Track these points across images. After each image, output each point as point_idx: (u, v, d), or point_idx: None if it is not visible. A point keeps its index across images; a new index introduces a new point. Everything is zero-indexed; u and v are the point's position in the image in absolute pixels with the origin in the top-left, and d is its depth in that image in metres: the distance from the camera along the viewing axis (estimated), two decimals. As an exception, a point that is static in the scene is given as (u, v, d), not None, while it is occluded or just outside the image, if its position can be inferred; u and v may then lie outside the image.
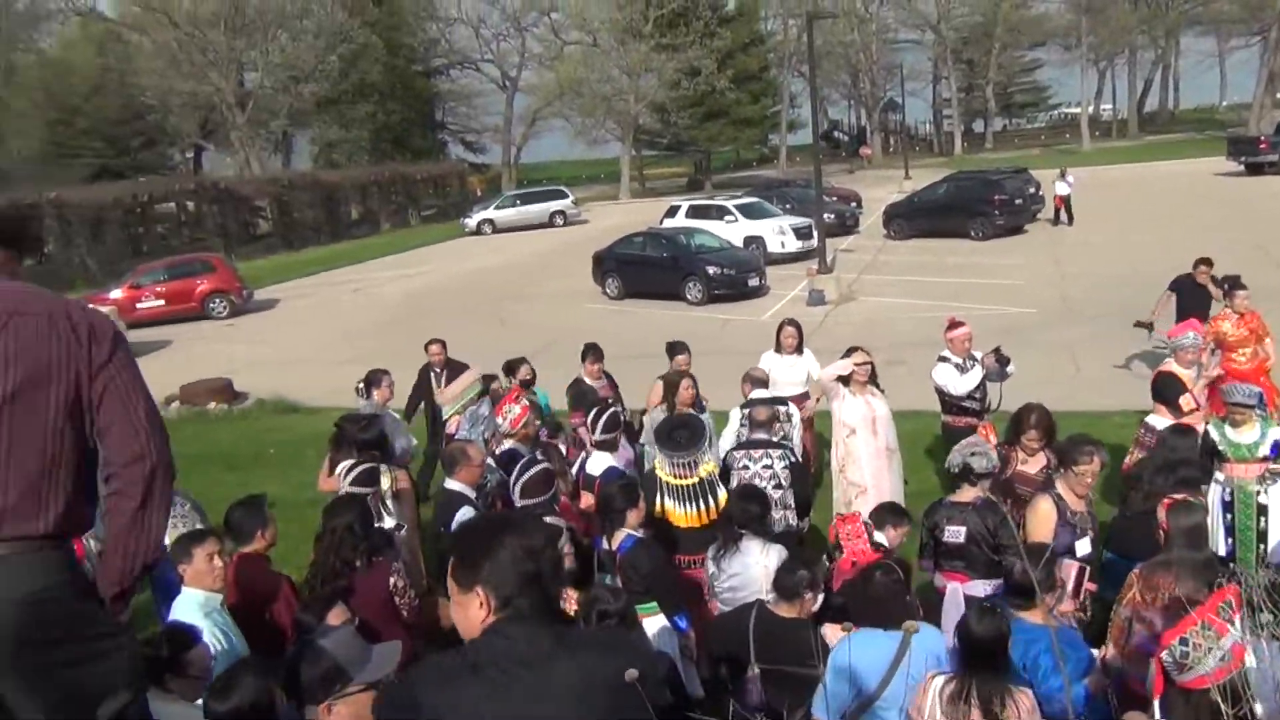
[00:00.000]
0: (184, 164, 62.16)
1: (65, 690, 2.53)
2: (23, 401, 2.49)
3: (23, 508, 2.47)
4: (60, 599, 2.51)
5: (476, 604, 2.20)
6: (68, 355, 2.55)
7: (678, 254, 23.27)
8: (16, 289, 2.64)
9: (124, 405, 2.61)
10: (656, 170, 71.04)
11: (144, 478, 2.61)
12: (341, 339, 21.24)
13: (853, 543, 5.23)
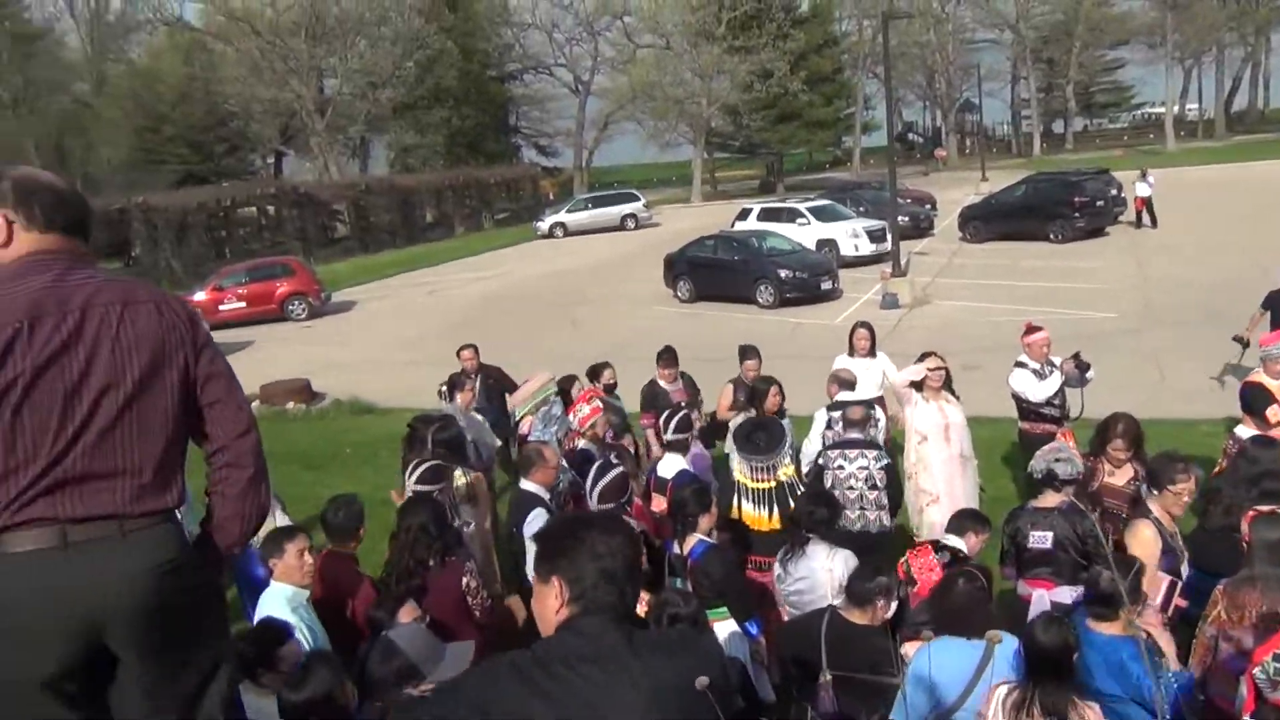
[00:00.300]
0: (265, 169, 63.63)
1: (189, 653, 2.73)
2: (147, 386, 2.65)
3: (155, 485, 2.66)
4: (186, 568, 2.70)
5: (553, 595, 2.24)
6: (178, 339, 2.72)
7: (749, 257, 23.17)
8: (120, 280, 2.77)
9: (227, 383, 2.82)
10: (728, 173, 70.82)
11: (253, 449, 2.84)
12: (416, 341, 21.53)
13: (925, 575, 5.15)
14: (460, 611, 4.68)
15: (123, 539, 2.59)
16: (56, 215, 2.73)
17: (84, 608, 2.56)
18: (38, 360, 2.54)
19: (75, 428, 2.58)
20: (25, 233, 2.70)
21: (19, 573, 2.55)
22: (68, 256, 2.73)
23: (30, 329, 2.55)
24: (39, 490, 2.55)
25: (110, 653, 2.65)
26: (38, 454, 2.55)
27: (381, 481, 10.62)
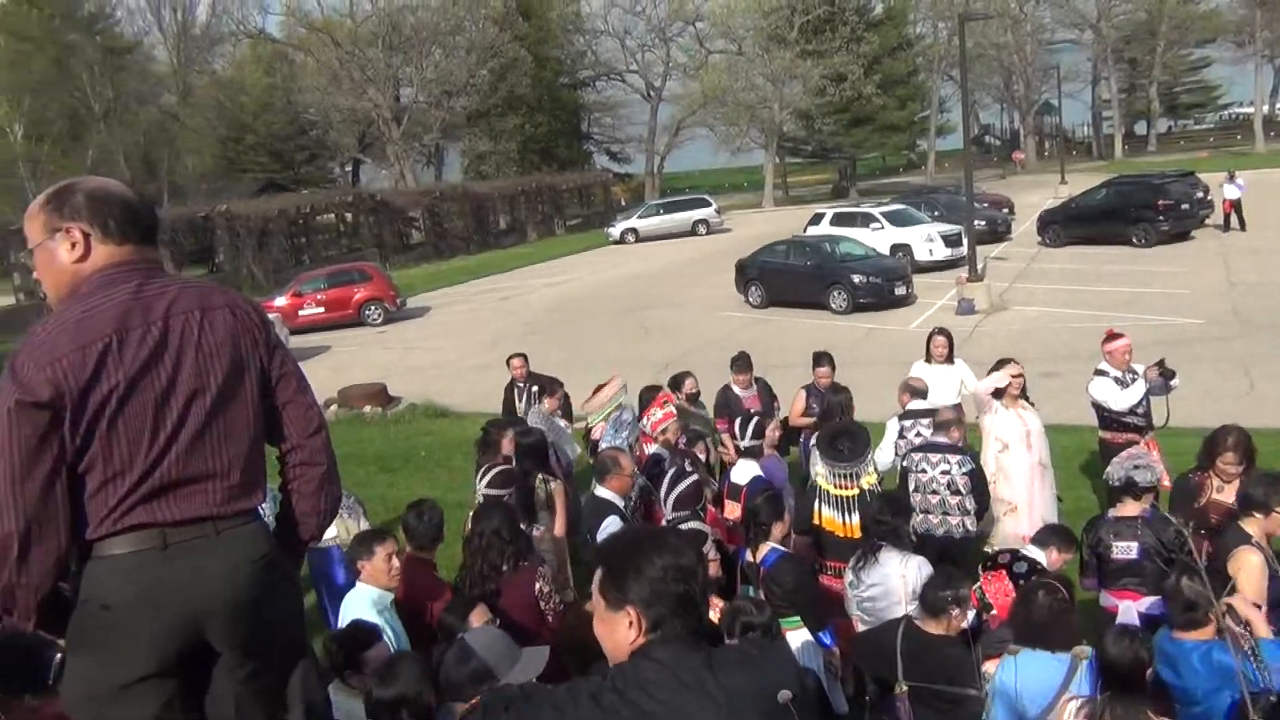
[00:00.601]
0: (343, 177, 64.78)
1: (280, 645, 2.83)
2: (229, 390, 2.72)
3: (243, 486, 2.74)
4: (276, 562, 2.81)
5: (625, 624, 2.15)
6: (252, 342, 2.79)
7: (821, 262, 23.00)
8: (194, 285, 2.83)
9: (298, 383, 2.90)
10: (800, 178, 70.36)
11: (324, 446, 2.93)
12: (489, 346, 21.73)
13: (1002, 600, 5.05)
14: (533, 616, 4.70)
15: (216, 538, 2.67)
16: (130, 226, 2.77)
17: (184, 606, 2.63)
18: (130, 371, 2.59)
19: (167, 435, 2.64)
20: (102, 245, 2.72)
21: (121, 574, 2.63)
22: (145, 266, 2.78)
23: (119, 341, 2.59)
24: (138, 498, 2.61)
25: (205, 651, 2.73)
26: (134, 462, 2.61)
27: (455, 484, 10.77)
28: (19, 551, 2.55)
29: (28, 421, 2.50)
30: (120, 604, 2.62)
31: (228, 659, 2.75)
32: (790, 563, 5.15)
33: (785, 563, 5.12)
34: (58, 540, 2.60)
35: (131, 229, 2.76)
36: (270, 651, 2.82)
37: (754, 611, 4.32)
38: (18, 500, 2.52)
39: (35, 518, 2.54)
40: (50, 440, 2.52)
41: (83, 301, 2.65)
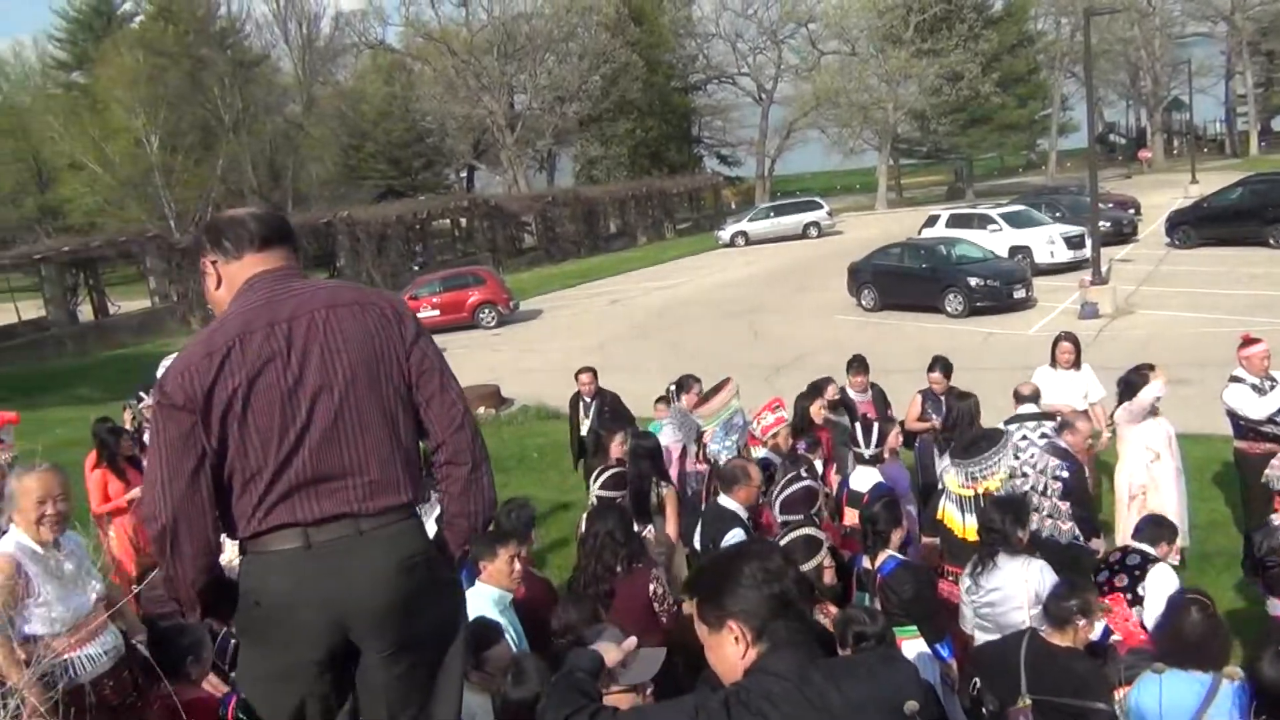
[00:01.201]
0: (458, 183, 66.13)
1: (419, 653, 2.81)
2: (362, 386, 2.73)
3: (385, 482, 2.73)
4: (425, 563, 2.78)
5: (731, 641, 2.12)
6: (386, 338, 2.77)
7: (937, 265, 22.54)
8: (326, 285, 2.92)
9: (439, 378, 2.84)
10: (914, 179, 69.01)
11: (468, 444, 2.84)
12: (599, 349, 21.89)
13: (1122, 626, 4.85)
14: (646, 617, 4.69)
15: (359, 537, 2.68)
16: (248, 239, 2.87)
17: (329, 608, 2.69)
18: (250, 371, 2.66)
19: (296, 432, 2.68)
20: (229, 265, 2.87)
21: (269, 573, 2.73)
22: (276, 272, 2.86)
23: (241, 343, 2.69)
24: (276, 496, 2.68)
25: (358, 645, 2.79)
26: (267, 460, 2.68)
27: (566, 486, 10.89)
28: (170, 544, 2.69)
29: (172, 424, 2.65)
30: (269, 602, 2.72)
31: (375, 660, 2.78)
32: (909, 571, 5.03)
33: (904, 571, 5.00)
34: (205, 535, 2.71)
35: (248, 242, 2.86)
36: (421, 650, 2.82)
37: (867, 621, 4.23)
38: (168, 496, 2.66)
39: (182, 512, 2.67)
40: (192, 441, 2.64)
41: (222, 314, 2.83)
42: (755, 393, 10.08)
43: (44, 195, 49.20)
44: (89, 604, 3.97)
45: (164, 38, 45.82)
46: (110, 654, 3.99)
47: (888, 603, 4.91)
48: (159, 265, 33.81)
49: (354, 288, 2.94)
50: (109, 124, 43.36)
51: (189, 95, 45.43)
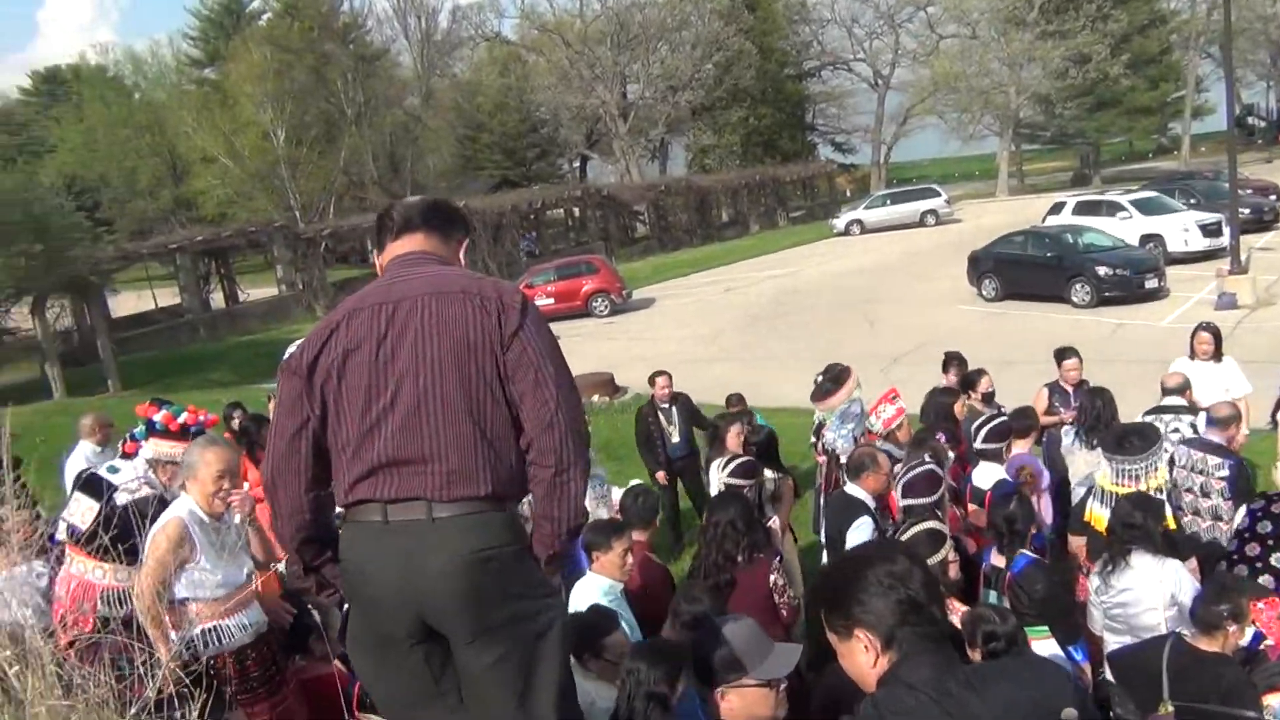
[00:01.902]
0: (571, 173, 66.68)
1: (505, 644, 2.77)
2: (450, 374, 2.71)
3: (463, 471, 2.69)
4: (500, 558, 2.72)
5: (861, 649, 2.05)
6: (482, 329, 2.73)
7: (1063, 253, 21.76)
8: (439, 272, 2.90)
9: (534, 374, 2.74)
10: (1037, 165, 66.92)
11: (554, 446, 2.72)
12: (712, 338, 21.84)
13: (1275, 630, 4.57)
14: (766, 609, 4.62)
15: (431, 524, 2.67)
16: (390, 227, 3.01)
17: (402, 588, 2.71)
18: (347, 346, 2.76)
19: (379, 411, 2.72)
20: (381, 256, 3.03)
21: (352, 543, 2.79)
22: (409, 256, 2.95)
23: (348, 319, 2.80)
24: (362, 471, 2.73)
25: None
26: (352, 435, 2.75)
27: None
28: (270, 500, 2.87)
29: (285, 386, 2.82)
30: (353, 572, 2.81)
31: (460, 643, 2.78)
32: (1041, 570, 4.83)
33: (1036, 570, 4.80)
34: (297, 495, 2.83)
35: (389, 230, 3.00)
36: (507, 644, 2.77)
37: (997, 620, 4.06)
38: (271, 454, 2.85)
39: (278, 470, 2.84)
40: (298, 404, 2.79)
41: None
42: (871, 382, 9.87)
43: (179, 188, 51.25)
44: (241, 578, 4.12)
45: (290, 34, 47.27)
46: (254, 628, 4.15)
47: (1018, 602, 4.73)
48: (285, 254, 34.98)
49: (467, 276, 2.90)
50: (239, 118, 44.99)
51: (313, 89, 46.80)
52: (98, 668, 2.80)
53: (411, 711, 2.95)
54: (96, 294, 26.36)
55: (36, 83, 63.51)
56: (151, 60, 61.86)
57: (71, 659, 3.10)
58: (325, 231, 36.42)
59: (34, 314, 23.49)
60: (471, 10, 62.54)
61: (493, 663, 2.78)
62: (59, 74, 62.20)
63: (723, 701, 2.97)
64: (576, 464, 2.76)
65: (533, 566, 2.83)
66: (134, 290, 35.56)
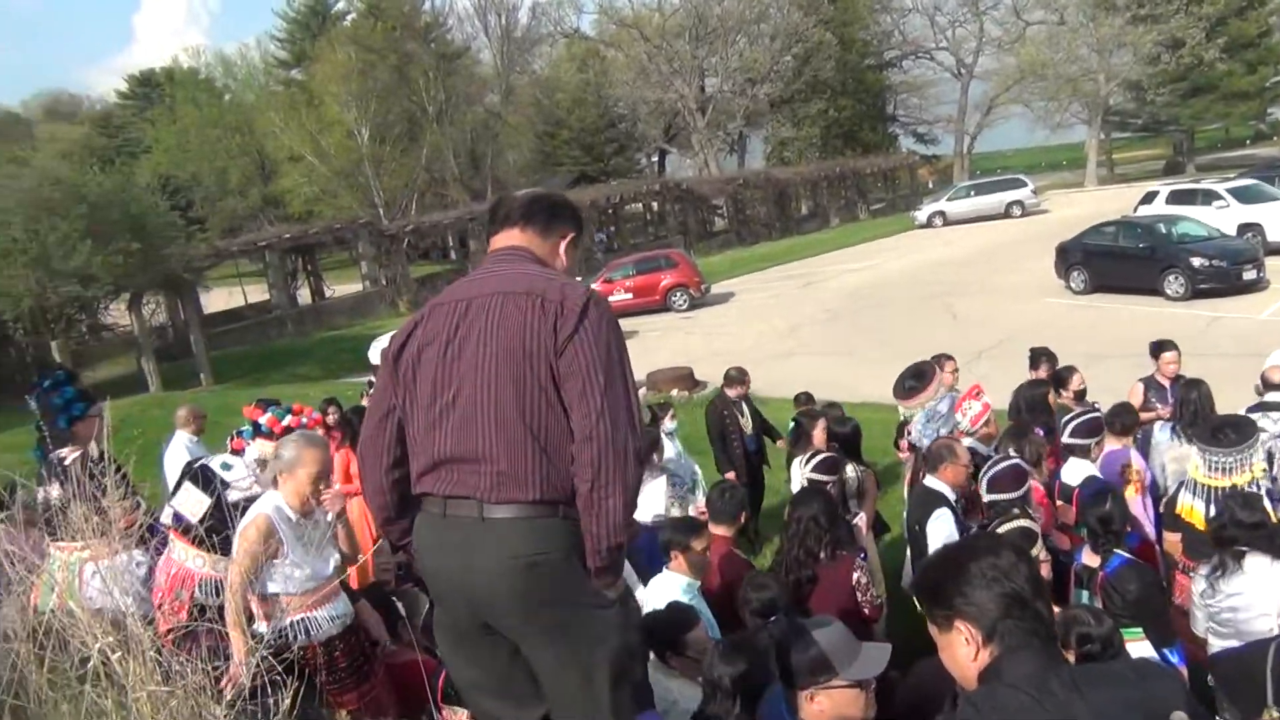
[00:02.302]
0: (649, 167, 66.73)
1: (559, 648, 2.78)
2: (506, 377, 2.70)
3: (512, 473, 2.68)
4: (548, 564, 2.70)
5: (961, 642, 2.02)
6: (539, 332, 2.70)
7: (1155, 244, 21.09)
8: (514, 271, 2.89)
9: (581, 383, 2.67)
10: (1127, 154, 65.05)
11: (591, 460, 2.64)
12: (791, 332, 21.68)
13: None
14: (849, 607, 4.57)
15: (482, 523, 2.69)
16: (491, 220, 3.05)
17: (458, 583, 2.79)
18: (422, 342, 2.84)
19: (440, 408, 2.77)
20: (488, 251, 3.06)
21: (423, 533, 2.87)
22: (499, 252, 2.98)
23: (429, 314, 2.87)
24: (426, 464, 2.80)
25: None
26: (419, 428, 2.83)
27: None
28: (360, 478, 3.05)
29: (382, 370, 2.96)
30: (420, 561, 2.96)
31: (519, 639, 2.82)
32: (1136, 570, 4.68)
33: (1129, 570, 4.66)
34: (377, 476, 2.95)
35: (489, 224, 3.06)
36: (561, 646, 2.77)
37: (1091, 622, 3.95)
38: (362, 432, 3.03)
39: (364, 450, 2.99)
40: (388, 389, 2.91)
41: None
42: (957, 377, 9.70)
43: (267, 186, 52.52)
44: (328, 571, 4.21)
45: (373, 34, 48.10)
46: (340, 619, 4.24)
47: (1110, 602, 4.60)
48: (369, 250, 35.63)
49: (537, 276, 2.85)
50: (324, 118, 45.96)
51: (396, 88, 47.56)
52: (195, 655, 2.88)
53: (484, 699, 3.02)
54: (190, 291, 27.15)
55: (132, 86, 65.70)
56: (241, 62, 63.56)
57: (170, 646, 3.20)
58: (408, 228, 37.00)
59: (131, 310, 24.28)
60: (550, 6, 62.98)
61: (548, 666, 2.81)
62: (153, 77, 64.25)
63: (812, 704, 2.93)
64: (615, 481, 2.65)
65: (584, 575, 2.78)
66: (225, 287, 36.53)
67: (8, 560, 3.56)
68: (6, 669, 2.85)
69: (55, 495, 4.31)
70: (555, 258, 3.02)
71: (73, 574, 4.02)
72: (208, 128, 52.23)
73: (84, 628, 2.89)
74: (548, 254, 3.00)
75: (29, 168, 21.23)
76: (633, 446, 2.70)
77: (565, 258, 3.05)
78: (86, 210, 20.23)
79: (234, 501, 4.31)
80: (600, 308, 2.79)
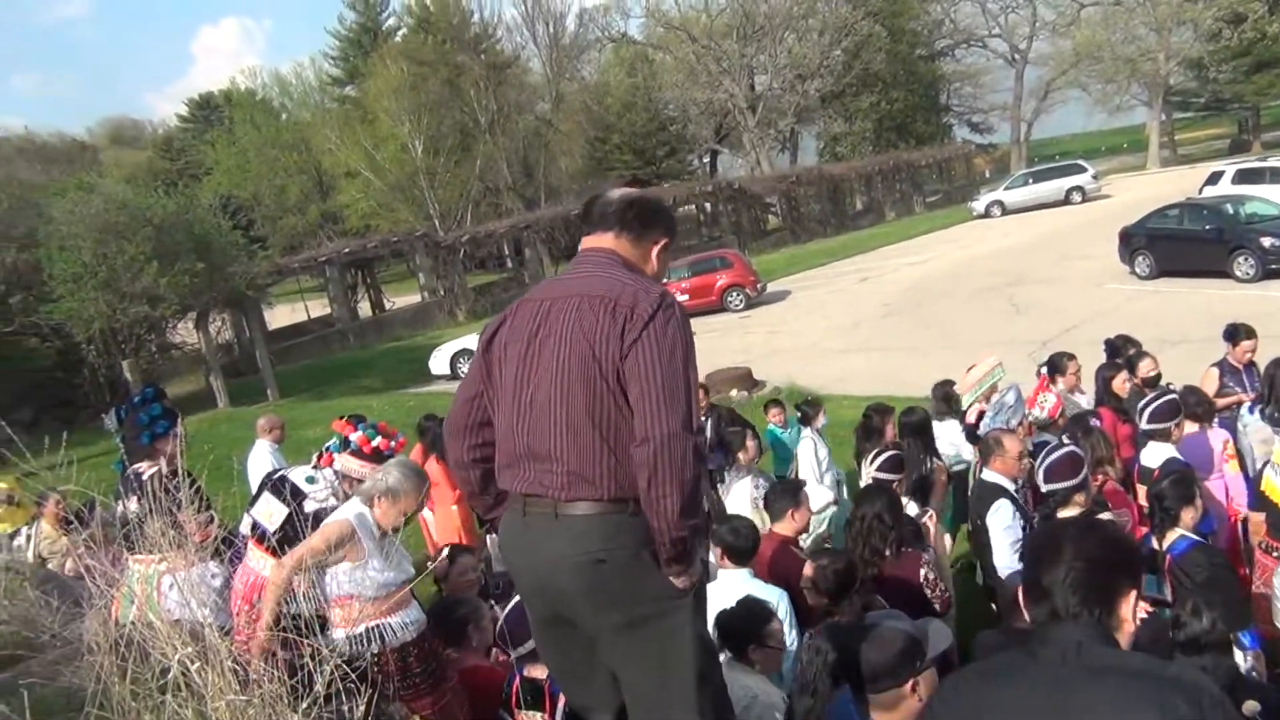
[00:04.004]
0: (701, 168, 66.65)
1: (632, 643, 2.84)
2: (578, 379, 2.77)
3: (582, 473, 2.76)
4: (615, 560, 2.76)
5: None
6: (608, 337, 2.76)
7: (1223, 225, 20.55)
8: (596, 274, 2.93)
9: (639, 387, 2.71)
10: (1190, 134, 63.53)
11: (646, 460, 2.67)
12: (850, 328, 21.50)
13: None
14: (917, 603, 4.52)
15: (555, 520, 2.78)
16: (584, 219, 3.10)
17: (535, 580, 2.91)
18: (505, 340, 2.94)
19: (519, 407, 2.85)
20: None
21: (506, 531, 2.99)
22: (585, 254, 3.04)
23: (516, 311, 2.96)
24: (504, 461, 2.91)
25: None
26: (503, 425, 2.92)
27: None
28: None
29: (476, 357, 3.07)
30: (504, 556, 3.08)
31: (600, 633, 2.89)
32: (1204, 553, 4.57)
33: (1198, 553, 4.55)
34: (458, 452, 3.10)
35: (583, 222, 3.11)
36: (629, 640, 2.83)
37: (1197, 623, 3.70)
38: (450, 409, 3.16)
39: (449, 423, 3.13)
40: (476, 374, 3.02)
41: None
42: (1018, 369, 9.54)
43: (325, 202, 53.33)
44: (402, 579, 4.28)
45: (424, 48, 48.67)
46: (414, 625, 4.31)
47: (1179, 586, 4.50)
48: (426, 262, 36.02)
49: (615, 281, 2.87)
50: (378, 132, 46.58)
51: (448, 100, 48.01)
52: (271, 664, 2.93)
53: (571, 687, 3.17)
54: (254, 308, 27.69)
55: (192, 109, 67.26)
56: (296, 81, 64.60)
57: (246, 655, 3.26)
58: (464, 238, 37.34)
59: (198, 328, 24.82)
60: (598, 12, 63.32)
61: (624, 660, 2.88)
62: (212, 100, 65.69)
63: (914, 694, 2.91)
64: (670, 479, 2.66)
65: (651, 571, 2.80)
66: (288, 303, 37.19)
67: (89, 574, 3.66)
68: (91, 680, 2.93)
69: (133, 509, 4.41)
70: (646, 262, 3.06)
71: (151, 586, 4.12)
72: (266, 147, 53.20)
73: (164, 639, 2.96)
74: (639, 259, 3.04)
75: (96, 193, 21.75)
76: (688, 444, 2.70)
77: (656, 262, 3.09)
78: (152, 233, 20.74)
79: (309, 513, 4.39)
80: (668, 312, 2.80)
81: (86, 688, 2.91)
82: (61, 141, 66.43)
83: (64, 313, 20.66)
